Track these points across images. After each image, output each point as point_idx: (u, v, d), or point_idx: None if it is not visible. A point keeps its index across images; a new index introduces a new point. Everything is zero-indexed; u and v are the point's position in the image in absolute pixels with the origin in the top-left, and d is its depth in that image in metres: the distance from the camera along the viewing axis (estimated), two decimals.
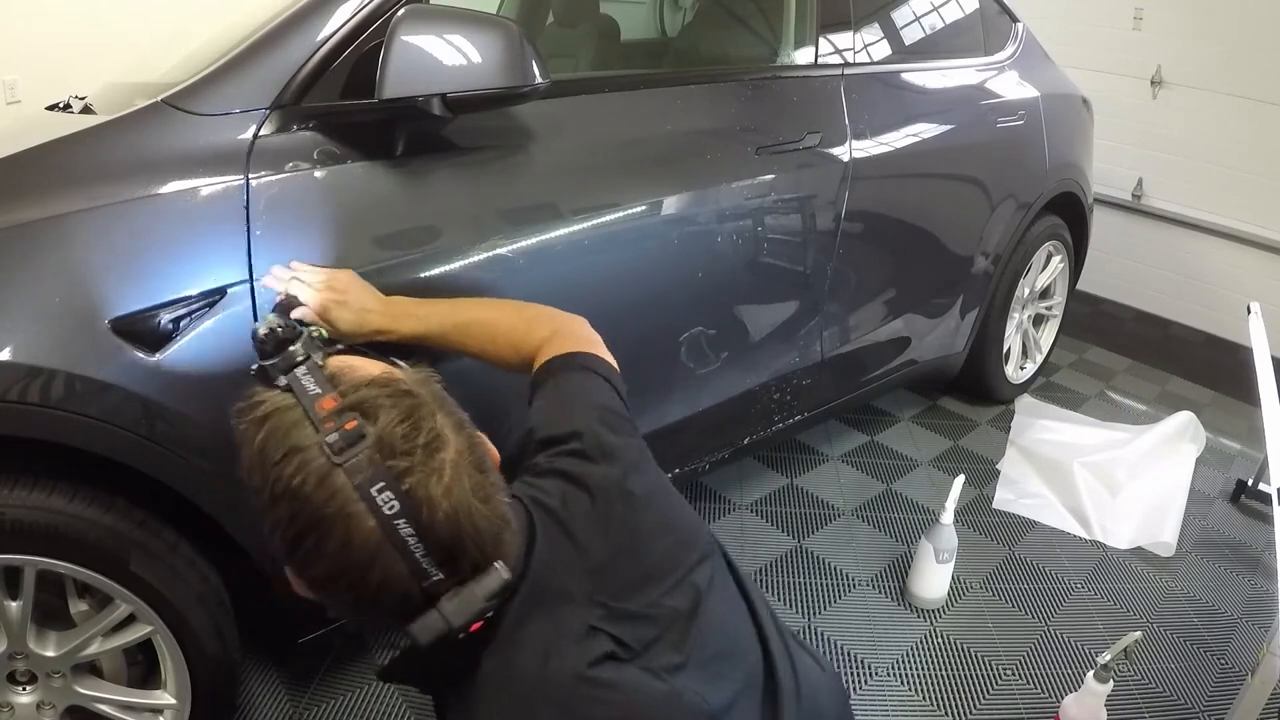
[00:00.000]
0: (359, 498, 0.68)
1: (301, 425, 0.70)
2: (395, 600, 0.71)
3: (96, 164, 1.07)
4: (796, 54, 1.90)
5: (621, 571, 0.83)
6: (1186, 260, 3.70)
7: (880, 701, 1.62)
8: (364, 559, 0.68)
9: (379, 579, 0.69)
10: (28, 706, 1.16)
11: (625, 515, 0.86)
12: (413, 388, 0.75)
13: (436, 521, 0.69)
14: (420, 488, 0.69)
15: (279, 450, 0.69)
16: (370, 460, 0.68)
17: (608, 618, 0.80)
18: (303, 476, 0.68)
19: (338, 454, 0.68)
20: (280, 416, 0.71)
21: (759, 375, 1.87)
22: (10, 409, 0.94)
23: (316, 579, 0.72)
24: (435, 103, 1.13)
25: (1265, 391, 1.70)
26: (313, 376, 0.74)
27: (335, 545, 0.68)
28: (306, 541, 0.69)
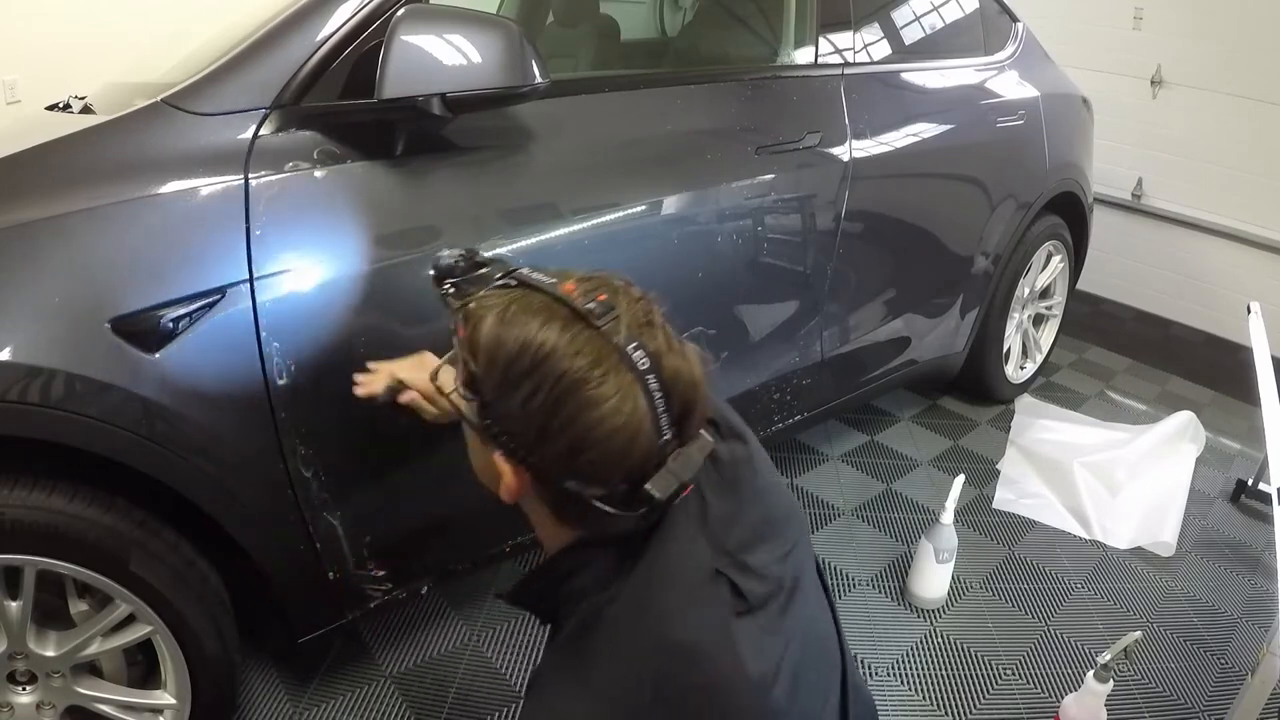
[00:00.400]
0: (619, 357, 0.73)
1: (549, 303, 0.76)
2: (637, 460, 0.75)
3: (96, 164, 1.07)
4: (796, 54, 1.90)
5: (747, 523, 0.87)
6: (1186, 260, 3.70)
7: (880, 701, 1.61)
8: (623, 414, 0.73)
9: (629, 435, 0.73)
10: (28, 706, 1.16)
11: (751, 480, 0.91)
12: (622, 277, 0.81)
13: (679, 381, 0.76)
14: (663, 349, 0.76)
15: (533, 323, 0.74)
16: (624, 325, 0.74)
17: (733, 566, 0.82)
18: (568, 339, 0.73)
19: (597, 319, 0.74)
20: (525, 300, 0.76)
21: (759, 375, 1.87)
22: (10, 409, 0.94)
23: (565, 446, 0.74)
24: (435, 103, 1.13)
25: (1265, 391, 1.70)
26: (539, 272, 0.80)
27: (599, 401, 0.72)
28: (569, 402, 0.72)
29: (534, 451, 0.76)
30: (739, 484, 0.90)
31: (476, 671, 1.62)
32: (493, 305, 0.77)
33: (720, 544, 0.83)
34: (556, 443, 0.74)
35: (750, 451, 0.94)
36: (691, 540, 0.82)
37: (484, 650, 1.67)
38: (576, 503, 0.78)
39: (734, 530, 0.85)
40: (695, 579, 0.80)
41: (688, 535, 0.82)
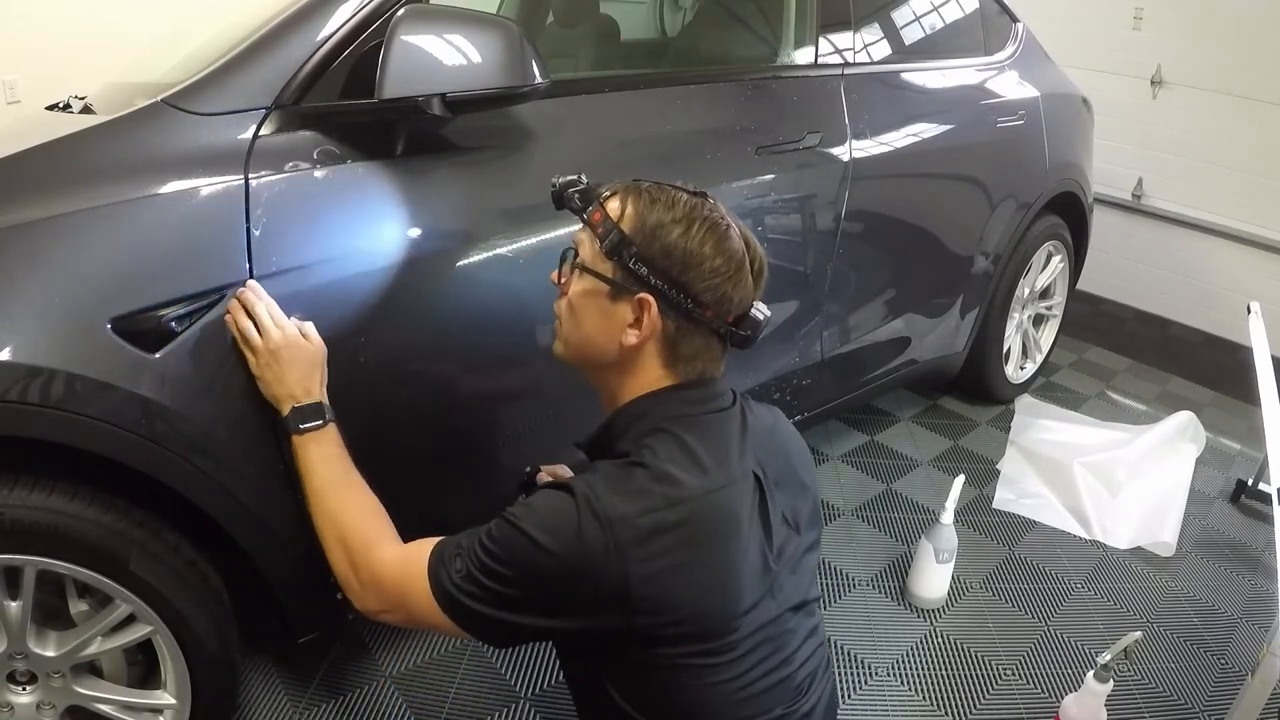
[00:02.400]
0: (725, 220, 1.02)
1: (673, 195, 1.02)
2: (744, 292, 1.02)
3: (96, 164, 1.07)
4: (796, 54, 1.90)
5: (780, 467, 1.07)
6: (1186, 260, 3.70)
7: (880, 701, 1.62)
8: (739, 261, 1.01)
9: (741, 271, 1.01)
10: (28, 706, 1.16)
11: (786, 440, 1.14)
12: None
13: (757, 257, 1.05)
14: (748, 236, 1.05)
15: (670, 195, 1.01)
16: (725, 211, 1.04)
17: (764, 479, 1.01)
18: (701, 204, 1.02)
19: (706, 197, 1.04)
20: (654, 191, 1.02)
21: (759, 375, 1.87)
22: (10, 409, 0.94)
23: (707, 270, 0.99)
24: (435, 103, 1.13)
25: (1265, 391, 1.70)
26: None
27: (727, 246, 1.00)
28: (708, 239, 0.99)
29: (680, 277, 0.98)
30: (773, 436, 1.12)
31: (476, 672, 1.62)
32: (632, 188, 1.02)
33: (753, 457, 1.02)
34: (700, 266, 0.98)
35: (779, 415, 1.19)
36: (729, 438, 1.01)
37: (484, 650, 1.67)
38: (696, 327, 1.01)
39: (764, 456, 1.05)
40: (734, 467, 0.98)
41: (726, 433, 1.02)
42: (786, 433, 1.14)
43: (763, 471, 1.01)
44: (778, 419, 1.15)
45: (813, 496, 1.12)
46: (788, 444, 1.12)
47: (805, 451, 1.16)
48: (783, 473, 1.06)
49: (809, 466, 1.14)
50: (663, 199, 1.00)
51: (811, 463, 1.16)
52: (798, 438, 1.17)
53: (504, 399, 1.44)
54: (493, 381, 1.40)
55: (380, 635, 1.69)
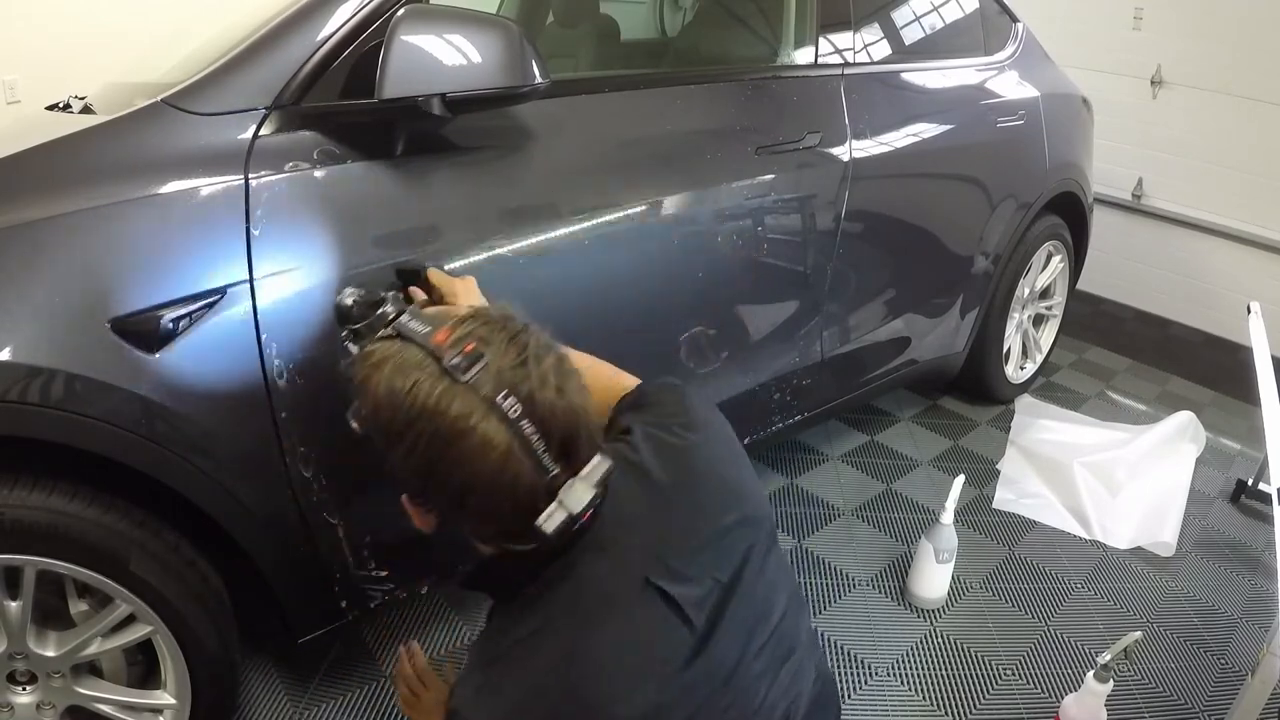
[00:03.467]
0: (488, 407, 0.76)
1: (424, 358, 0.79)
2: (524, 498, 0.79)
3: (96, 164, 1.07)
4: (796, 54, 1.90)
5: (685, 535, 0.91)
6: (1186, 260, 3.69)
7: (880, 701, 1.62)
8: (498, 461, 0.77)
9: (510, 478, 0.78)
10: (28, 706, 1.16)
11: (698, 479, 0.95)
12: (508, 314, 0.85)
13: (555, 418, 0.79)
14: (537, 391, 0.78)
15: (408, 380, 0.77)
16: (492, 375, 0.78)
17: (670, 576, 0.86)
18: (434, 398, 0.76)
19: (464, 373, 0.77)
20: (401, 355, 0.80)
21: (759, 375, 1.87)
22: (10, 409, 0.94)
23: (451, 494, 0.80)
24: (435, 103, 1.13)
25: (1265, 391, 1.70)
26: (418, 320, 0.83)
27: (471, 454, 0.76)
28: (443, 459, 0.77)
29: (425, 496, 0.83)
30: (677, 477, 0.94)
31: None
32: (374, 360, 0.81)
33: (651, 548, 0.88)
34: (442, 491, 0.80)
35: (698, 439, 0.98)
36: (619, 549, 0.87)
37: None
38: (481, 537, 0.86)
39: (673, 539, 0.89)
40: (623, 593, 0.85)
41: (614, 545, 0.87)
42: (703, 453, 0.97)
43: (657, 563, 0.87)
44: (690, 448, 0.97)
45: (743, 505, 0.97)
46: (704, 467, 0.97)
47: (728, 459, 1.01)
48: (694, 517, 0.92)
49: (743, 465, 1.02)
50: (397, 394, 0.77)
51: (737, 457, 1.02)
52: (720, 444, 1.01)
53: None
54: None
55: (380, 635, 1.69)
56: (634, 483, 0.92)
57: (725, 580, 0.90)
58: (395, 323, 0.83)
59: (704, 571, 0.89)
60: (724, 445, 1.03)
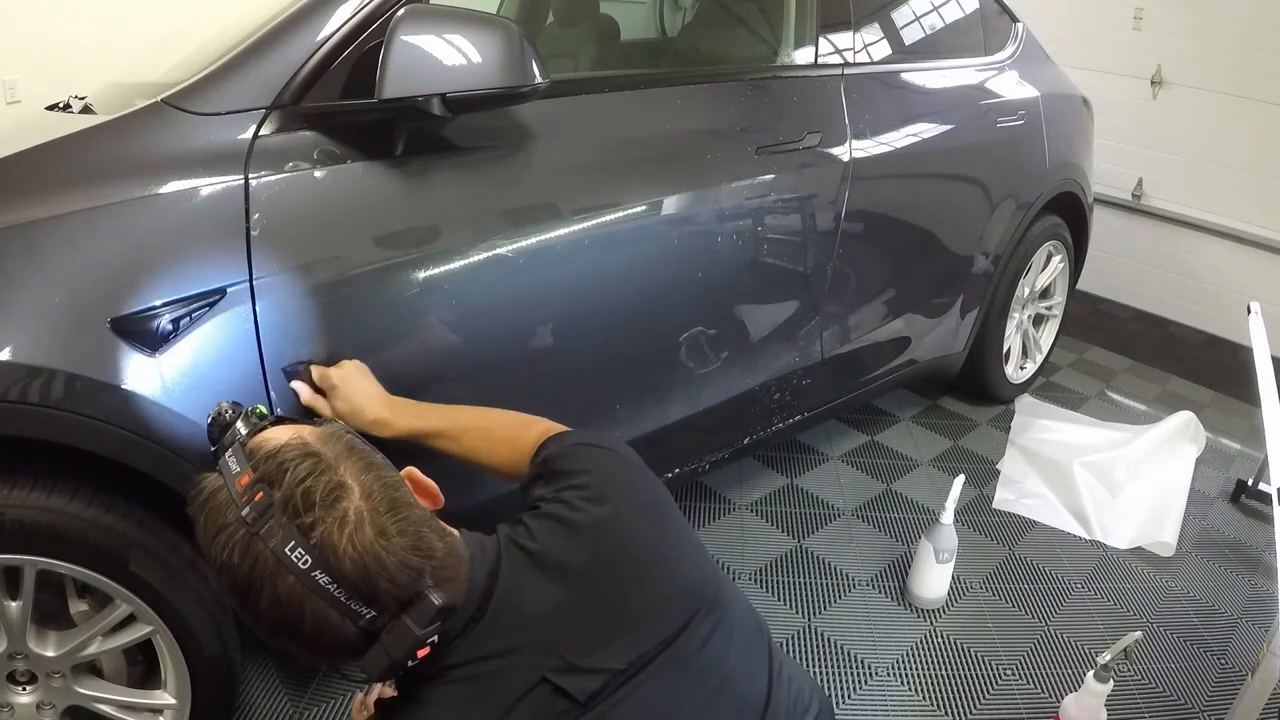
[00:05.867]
0: (276, 560, 0.74)
1: (227, 504, 0.77)
2: (338, 641, 0.77)
3: (96, 164, 1.07)
4: (796, 54, 1.90)
5: (590, 622, 0.85)
6: (1186, 260, 3.69)
7: (880, 701, 1.62)
8: (295, 611, 0.75)
9: (313, 625, 0.76)
10: (28, 706, 1.16)
11: (607, 561, 0.88)
12: (315, 447, 0.80)
13: (345, 566, 0.75)
14: (327, 537, 0.75)
15: (212, 530, 0.77)
16: (280, 525, 0.74)
17: (563, 669, 0.82)
18: (229, 549, 0.75)
19: (253, 525, 0.75)
20: (214, 498, 0.78)
21: (759, 375, 1.87)
22: (10, 409, 0.94)
23: (267, 632, 0.78)
24: (435, 103, 1.13)
25: (1265, 391, 1.70)
26: (236, 457, 0.80)
27: (268, 603, 0.75)
28: (247, 603, 0.76)
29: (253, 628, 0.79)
30: (579, 561, 0.87)
31: None
32: (200, 498, 0.79)
33: (556, 647, 0.83)
34: (261, 628, 0.78)
35: (606, 514, 0.90)
36: (513, 649, 0.83)
37: None
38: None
39: (575, 630, 0.84)
40: (512, 691, 0.81)
41: (507, 643, 0.83)
42: (613, 530, 0.90)
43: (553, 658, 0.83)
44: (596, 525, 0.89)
45: (664, 584, 0.90)
46: (612, 545, 0.89)
47: (646, 532, 0.93)
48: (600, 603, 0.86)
49: (671, 537, 0.95)
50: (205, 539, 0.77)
51: (660, 527, 0.95)
52: (638, 514, 0.93)
53: (499, 402, 1.44)
54: (491, 382, 1.40)
55: None
56: (530, 575, 0.86)
57: (635, 663, 0.84)
58: (222, 458, 0.81)
59: (613, 660, 0.84)
60: (643, 514, 0.94)
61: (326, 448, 0.80)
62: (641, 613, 0.87)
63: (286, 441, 0.80)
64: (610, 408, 1.58)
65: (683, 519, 1.00)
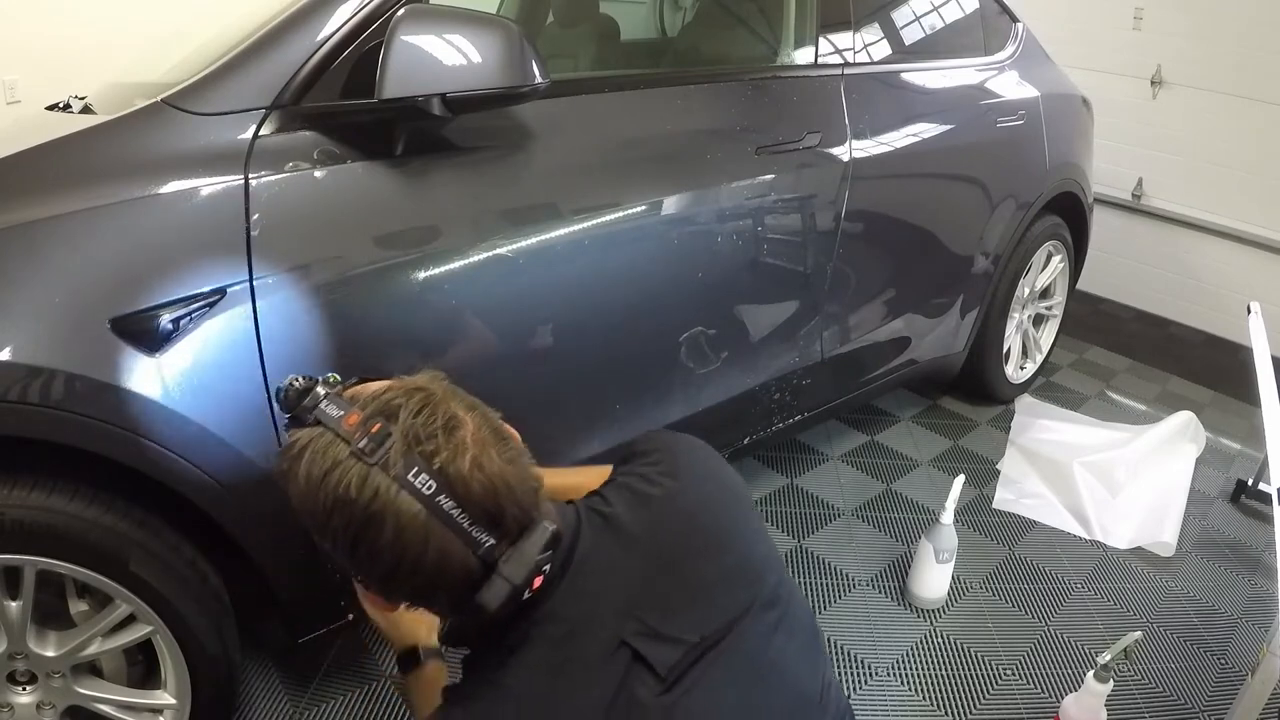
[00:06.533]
0: (400, 487, 0.74)
1: (334, 443, 0.76)
2: (459, 574, 0.77)
3: (96, 164, 1.07)
4: (796, 54, 1.90)
5: (663, 589, 0.86)
6: (1186, 260, 3.69)
7: (880, 701, 1.62)
8: (419, 540, 0.74)
9: (436, 556, 0.75)
10: (28, 706, 1.16)
11: (679, 533, 0.89)
12: (422, 384, 0.81)
13: (473, 490, 0.75)
14: (450, 464, 0.75)
15: (320, 470, 0.75)
16: (401, 453, 0.74)
17: (643, 634, 0.82)
18: (345, 483, 0.74)
19: (370, 455, 0.74)
20: (316, 443, 0.77)
21: (759, 375, 1.87)
22: (10, 409, 0.94)
23: (383, 576, 0.78)
24: (435, 103, 1.13)
25: (1265, 391, 1.70)
26: (334, 404, 0.80)
27: (390, 535, 0.74)
28: (364, 542, 0.75)
29: (362, 580, 0.81)
30: (659, 538, 0.88)
31: None
32: (294, 450, 0.78)
33: (625, 606, 0.83)
34: (373, 575, 0.78)
35: (679, 486, 0.92)
36: (591, 608, 0.83)
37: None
38: (430, 610, 0.84)
39: (649, 597, 0.84)
40: (593, 653, 0.81)
41: (585, 604, 0.83)
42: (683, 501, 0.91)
43: (632, 621, 0.83)
44: (668, 496, 0.91)
45: (730, 555, 0.90)
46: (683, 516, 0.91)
47: (717, 507, 0.94)
48: (672, 570, 0.87)
49: (739, 519, 0.96)
50: (313, 484, 0.76)
51: (732, 506, 0.96)
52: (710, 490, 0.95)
53: (499, 402, 1.44)
54: (491, 382, 1.40)
55: (380, 635, 1.69)
56: (607, 538, 0.87)
57: (707, 638, 0.84)
58: (316, 409, 0.80)
59: (687, 630, 0.84)
60: (714, 491, 0.96)
61: (432, 385, 0.81)
62: (711, 585, 0.88)
63: (390, 384, 0.82)
64: (610, 407, 1.58)
65: (753, 508, 1.01)
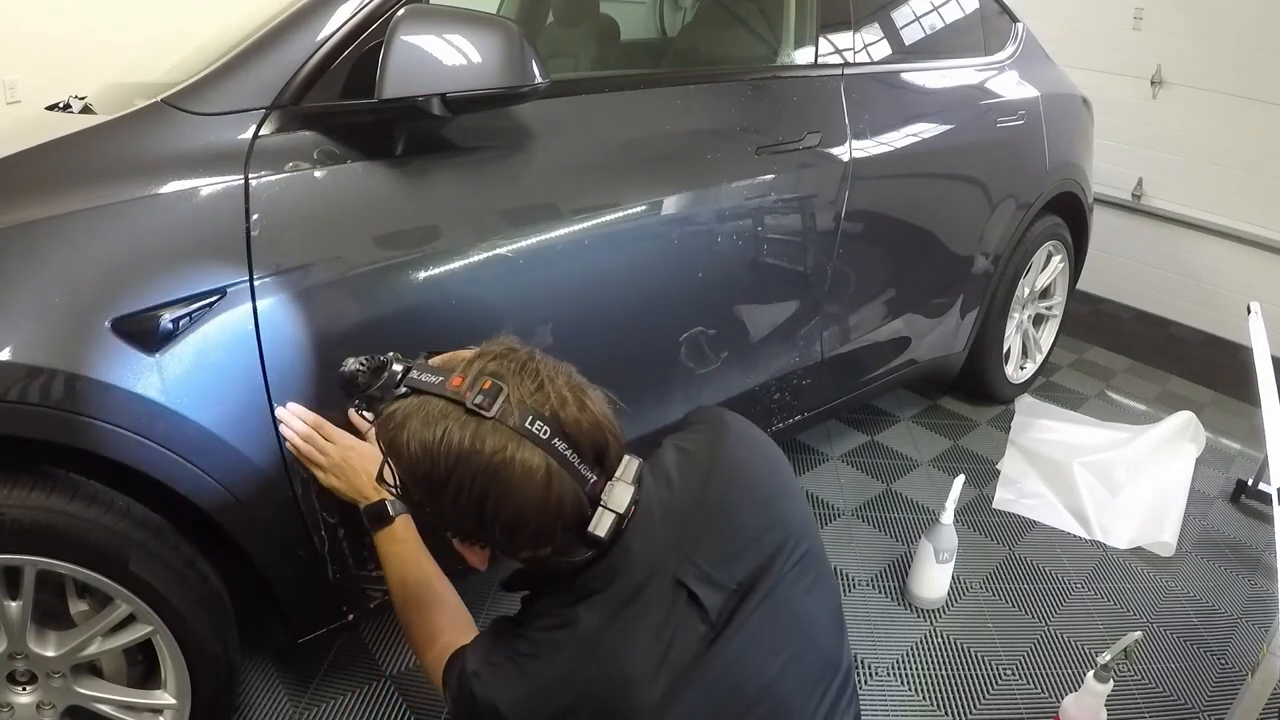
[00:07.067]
0: (520, 435, 0.80)
1: (446, 405, 0.81)
2: (575, 511, 0.84)
3: (96, 164, 1.07)
4: (796, 54, 1.90)
5: (712, 537, 0.92)
6: (1186, 260, 3.69)
7: (880, 701, 1.62)
8: (542, 483, 0.81)
9: (557, 496, 0.82)
10: (28, 706, 1.16)
11: (724, 487, 0.96)
12: (511, 345, 0.88)
13: (582, 431, 0.83)
14: (561, 410, 0.82)
15: (436, 432, 0.80)
16: (515, 405, 0.81)
17: (698, 577, 0.89)
18: (468, 439, 0.79)
19: (489, 410, 0.80)
20: (424, 409, 0.82)
21: (759, 375, 1.87)
22: (10, 409, 0.94)
23: (509, 523, 0.82)
24: (435, 103, 1.13)
25: (1265, 391, 1.70)
26: (428, 373, 0.85)
27: (518, 481, 0.80)
28: (491, 492, 0.80)
29: (479, 536, 0.87)
30: (708, 489, 0.95)
31: None
32: (398, 420, 0.82)
33: (680, 550, 0.90)
34: (494, 526, 0.83)
35: (721, 448, 0.99)
36: (650, 548, 0.89)
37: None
38: (534, 560, 0.89)
39: (701, 543, 0.91)
40: (652, 587, 0.87)
41: (644, 545, 0.89)
42: (726, 459, 0.98)
43: (687, 564, 0.89)
44: (713, 455, 0.98)
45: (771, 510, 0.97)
46: (726, 473, 0.97)
47: (759, 467, 1.01)
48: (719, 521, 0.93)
49: (779, 482, 1.01)
50: (430, 445, 0.80)
51: (772, 467, 1.02)
52: (751, 452, 1.01)
53: None
54: None
55: (380, 635, 1.69)
56: (662, 488, 0.94)
57: (745, 583, 0.91)
58: (407, 379, 0.85)
59: (730, 576, 0.91)
60: (760, 456, 1.02)
61: (519, 347, 0.88)
62: (754, 537, 0.93)
63: (481, 349, 0.87)
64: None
65: (794, 477, 1.06)
